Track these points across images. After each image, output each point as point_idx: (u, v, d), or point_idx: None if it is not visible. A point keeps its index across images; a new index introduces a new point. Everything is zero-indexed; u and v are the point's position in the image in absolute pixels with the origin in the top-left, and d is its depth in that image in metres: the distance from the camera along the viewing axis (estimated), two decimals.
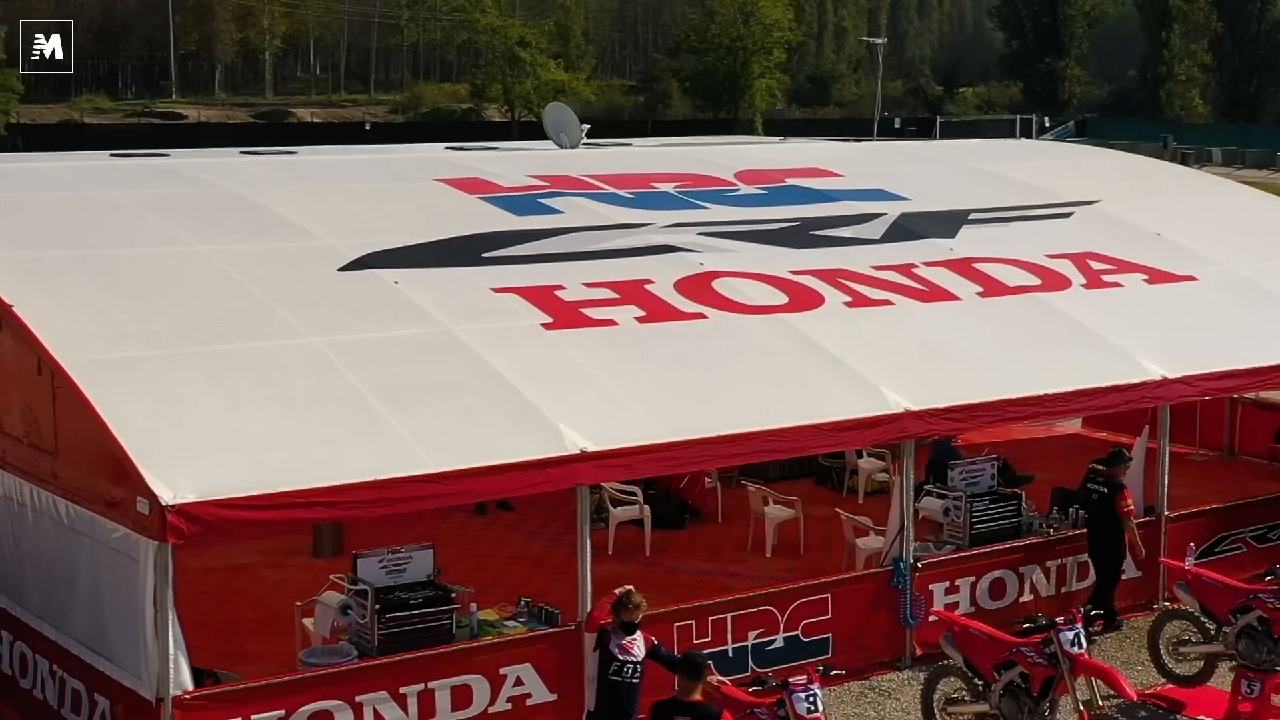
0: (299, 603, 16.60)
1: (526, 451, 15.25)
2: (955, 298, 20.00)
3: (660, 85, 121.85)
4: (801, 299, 19.09)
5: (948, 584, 18.14)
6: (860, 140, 34.34)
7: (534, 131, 42.97)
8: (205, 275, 16.96)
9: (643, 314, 17.98)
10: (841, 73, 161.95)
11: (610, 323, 17.66)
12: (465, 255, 18.57)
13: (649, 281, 18.71)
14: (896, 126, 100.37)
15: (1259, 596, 16.50)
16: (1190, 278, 21.98)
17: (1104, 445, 25.98)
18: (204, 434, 14.39)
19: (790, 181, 23.19)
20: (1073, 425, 28.44)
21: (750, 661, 16.81)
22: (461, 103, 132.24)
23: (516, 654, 15.36)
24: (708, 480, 22.82)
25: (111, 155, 23.20)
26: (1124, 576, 18.96)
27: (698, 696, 12.79)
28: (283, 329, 16.12)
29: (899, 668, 17.70)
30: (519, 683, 15.34)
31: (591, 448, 15.44)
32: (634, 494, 21.45)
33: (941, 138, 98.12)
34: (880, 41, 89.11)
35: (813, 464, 24.29)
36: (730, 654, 16.65)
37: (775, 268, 19.75)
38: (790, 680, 13.48)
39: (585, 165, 23.04)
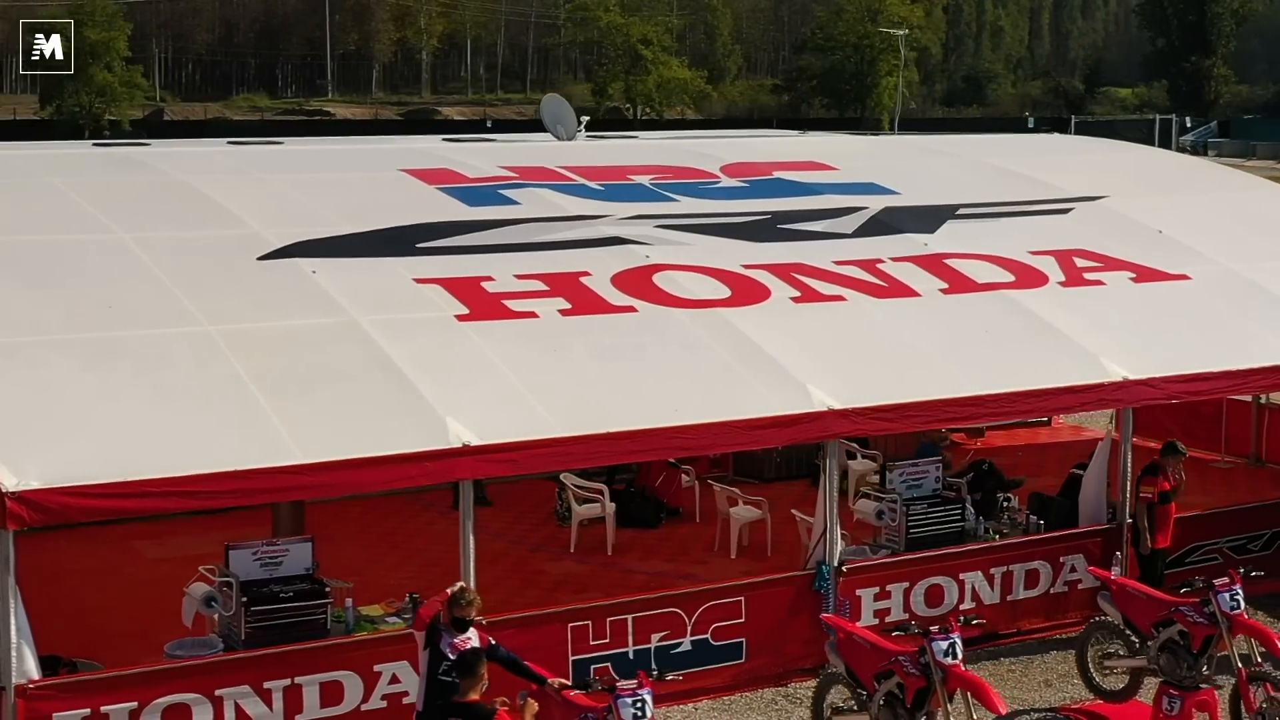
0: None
1: (406, 444, 14.93)
2: (915, 294, 19.36)
3: (804, 85, 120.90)
4: (745, 293, 18.58)
5: (877, 589, 17.50)
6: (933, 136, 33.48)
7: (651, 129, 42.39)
8: (117, 263, 16.87)
9: (568, 306, 17.58)
10: (996, 73, 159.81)
11: (531, 315, 17.30)
12: (399, 245, 18.30)
13: (585, 274, 18.31)
14: (1030, 126, 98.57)
15: (1180, 610, 15.69)
16: (1183, 276, 21.11)
17: (1139, 451, 25.36)
18: (70, 421, 14.27)
19: (778, 174, 22.64)
20: (1103, 430, 27.57)
21: (654, 665, 16.29)
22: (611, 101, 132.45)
23: (393, 651, 15.00)
24: (685, 479, 22.32)
25: (94, 144, 23.25)
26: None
27: (474, 697, 12.35)
28: (178, 317, 15.96)
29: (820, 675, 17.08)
30: (395, 680, 15.01)
31: (475, 441, 15.06)
32: (601, 492, 21.01)
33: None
34: (901, 33, 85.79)
35: (811, 465, 23.67)
36: (631, 656, 16.20)
37: (727, 261, 19.25)
38: (618, 684, 12.98)
39: (568, 157, 22.68)
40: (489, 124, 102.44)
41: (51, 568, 18.63)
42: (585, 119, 25.22)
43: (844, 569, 17.20)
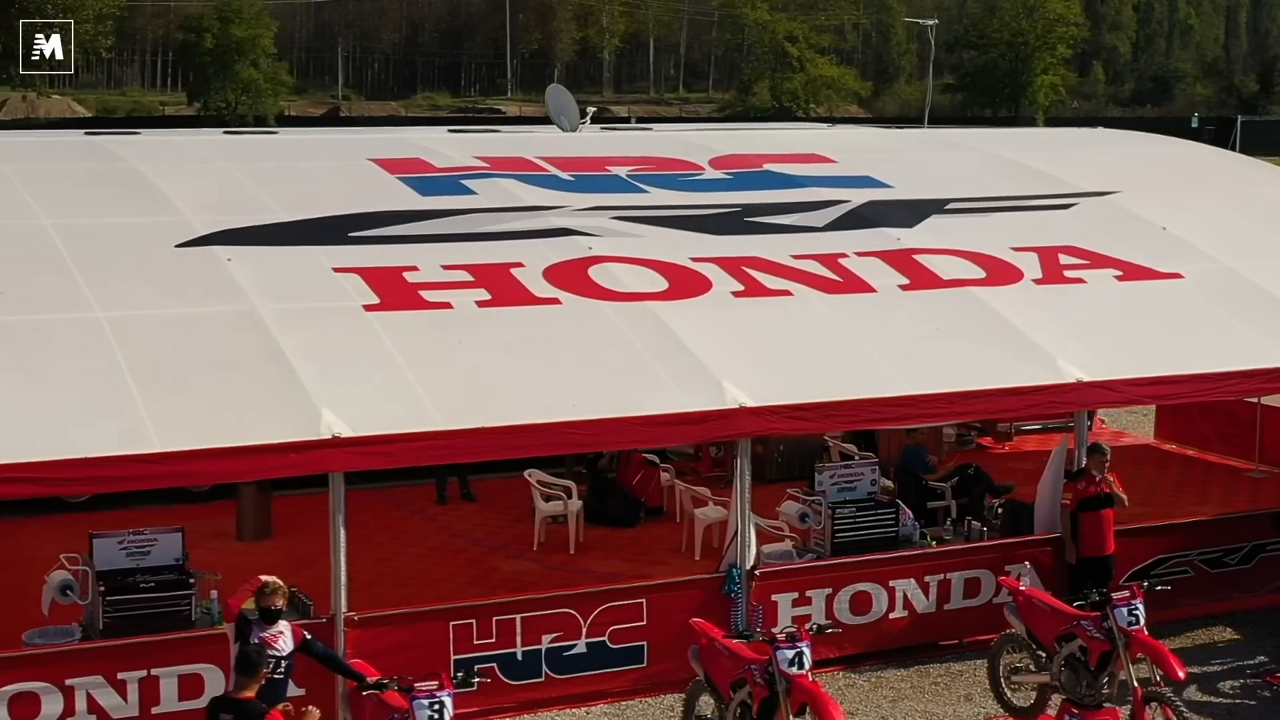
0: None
1: (274, 435, 14.66)
2: (870, 289, 18.69)
3: (957, 83, 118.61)
4: (683, 287, 18.06)
5: (796, 595, 16.86)
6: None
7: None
8: (27, 249, 16.85)
9: (488, 298, 17.22)
10: (1185, 73, 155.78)
11: (445, 306, 16.96)
12: (331, 234, 18.07)
13: (518, 265, 17.92)
14: (1193, 125, 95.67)
15: (1080, 624, 14.86)
16: (1175, 275, 20.16)
17: (1175, 458, 24.44)
18: None
19: (768, 167, 22.04)
20: (1145, 437, 26.58)
21: (545, 667, 15.89)
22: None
23: None
24: (665, 477, 21.81)
25: (86, 133, 23.38)
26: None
27: (249, 694, 11.98)
28: (71, 303, 15.87)
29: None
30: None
31: (347, 433, 14.74)
32: (567, 489, 20.61)
33: (1241, 136, 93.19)
34: (931, 23, 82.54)
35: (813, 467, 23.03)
36: (520, 657, 15.78)
37: (676, 254, 18.74)
38: (416, 685, 12.58)
39: (553, 148, 22.32)
40: (632, 119, 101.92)
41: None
42: (592, 110, 24.75)
43: (757, 572, 16.56)
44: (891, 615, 17.28)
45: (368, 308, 16.66)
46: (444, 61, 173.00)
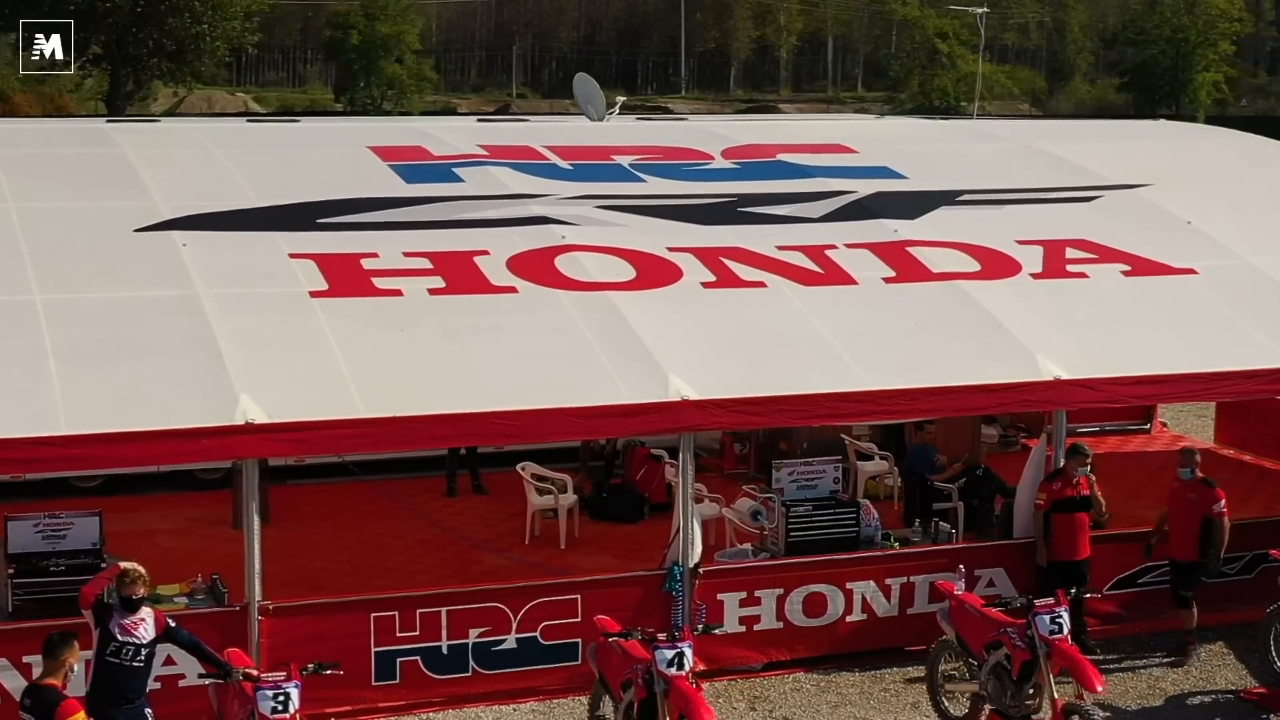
0: None
1: (188, 420, 14.50)
2: (851, 282, 18.11)
3: (1116, 80, 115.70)
4: (651, 276, 17.64)
5: (744, 594, 16.34)
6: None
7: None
8: None
9: (441, 285, 16.95)
10: None
11: (395, 293, 16.72)
12: (299, 220, 17.92)
13: (483, 254, 17.63)
14: None
15: (1006, 631, 14.19)
16: (1188, 271, 19.28)
17: (1230, 463, 23.47)
18: None
19: (780, 157, 21.47)
20: (1204, 441, 25.55)
21: (472, 662, 15.58)
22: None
23: None
24: (669, 471, 21.34)
25: (107, 121, 23.55)
26: None
27: (51, 680, 11.74)
28: (10, 286, 15.87)
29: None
30: (170, 661, 14.53)
31: (262, 419, 14.55)
32: (558, 482, 20.30)
33: None
34: (981, 10, 79.01)
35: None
36: (445, 651, 15.48)
37: (653, 244, 18.32)
38: (262, 676, 12.33)
39: (563, 137, 22.02)
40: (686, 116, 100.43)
41: None
42: (621, 99, 24.37)
43: (700, 570, 16.08)
44: (849, 618, 16.69)
45: (314, 294, 16.46)
46: (620, 60, 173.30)
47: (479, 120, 24.84)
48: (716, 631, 14.46)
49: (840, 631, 16.68)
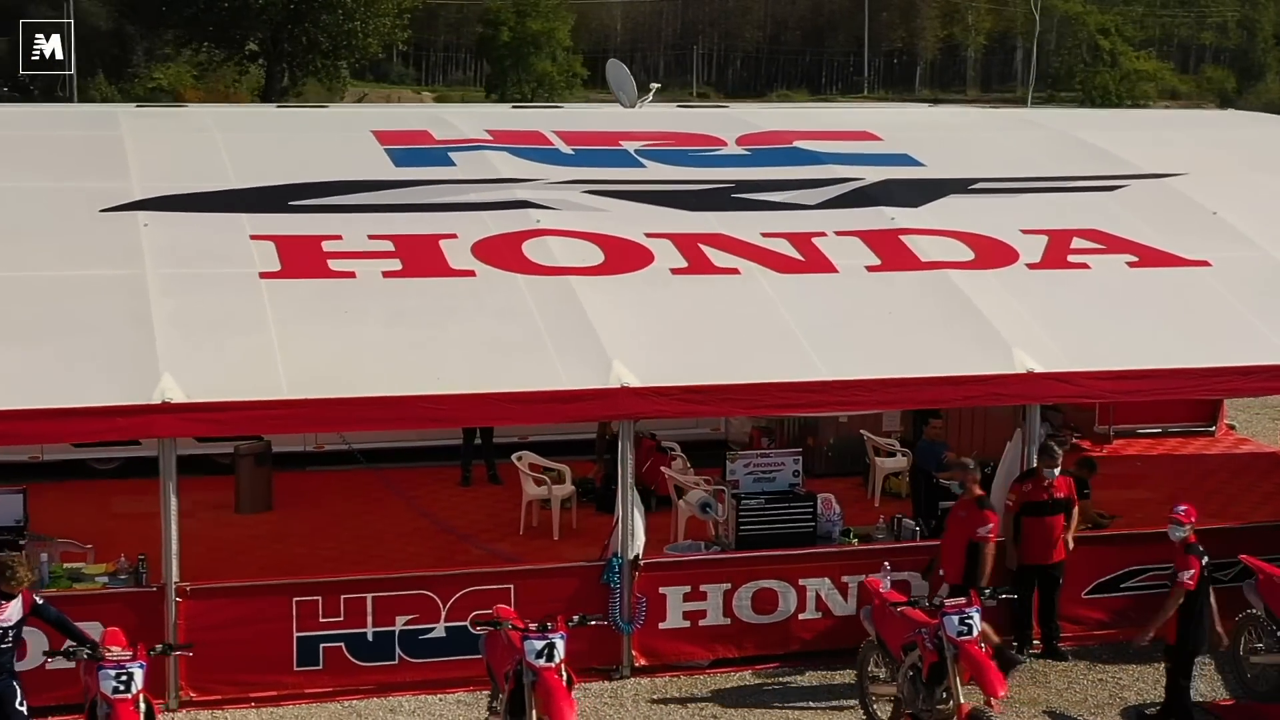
0: None
1: (104, 398, 14.42)
2: (832, 270, 17.53)
3: None
4: (619, 262, 17.24)
5: (688, 589, 15.84)
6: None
7: None
8: None
9: (398, 268, 16.70)
10: None
11: (348, 275, 16.53)
12: (270, 202, 17.84)
13: (449, 237, 17.37)
14: None
15: (920, 632, 13.55)
16: (1201, 262, 18.37)
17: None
18: None
19: (796, 144, 20.92)
20: (1269, 445, 24.51)
21: (399, 649, 15.29)
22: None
23: (82, 610, 14.40)
24: (676, 464, 20.89)
25: (137, 106, 23.69)
26: None
27: None
28: None
29: (612, 676, 15.66)
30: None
31: (180, 399, 14.41)
32: (551, 472, 19.99)
33: None
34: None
35: (865, 461, 21.88)
36: (370, 638, 15.21)
37: (630, 229, 17.92)
38: (105, 655, 12.16)
39: (577, 122, 21.83)
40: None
41: None
42: (655, 86, 23.96)
43: (640, 562, 15.63)
44: (802, 616, 16.10)
45: (264, 275, 16.32)
46: (806, 60, 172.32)
47: (513, 107, 24.52)
48: (594, 623, 13.89)
49: (794, 630, 16.09)
